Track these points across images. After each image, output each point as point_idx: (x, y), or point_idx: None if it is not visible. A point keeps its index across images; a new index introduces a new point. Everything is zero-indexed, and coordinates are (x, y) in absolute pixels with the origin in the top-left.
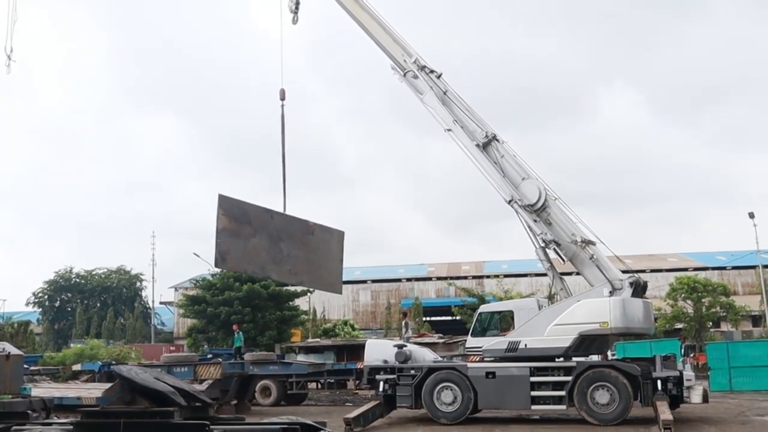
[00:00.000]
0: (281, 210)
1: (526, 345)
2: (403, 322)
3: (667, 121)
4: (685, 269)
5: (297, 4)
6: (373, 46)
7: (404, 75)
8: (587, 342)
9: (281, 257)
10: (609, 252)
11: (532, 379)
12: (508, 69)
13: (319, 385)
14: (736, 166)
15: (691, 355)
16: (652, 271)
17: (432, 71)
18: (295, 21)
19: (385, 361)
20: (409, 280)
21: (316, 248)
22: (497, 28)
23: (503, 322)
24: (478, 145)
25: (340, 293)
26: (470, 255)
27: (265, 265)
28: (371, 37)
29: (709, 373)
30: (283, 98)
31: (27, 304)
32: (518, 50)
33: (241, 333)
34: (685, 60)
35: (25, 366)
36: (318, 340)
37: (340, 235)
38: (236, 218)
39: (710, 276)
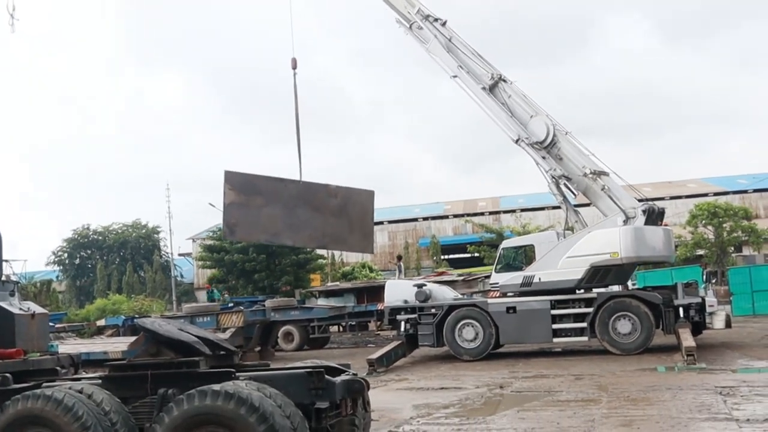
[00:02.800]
0: (297, 177)
1: (540, 279)
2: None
3: (678, 48)
4: (705, 194)
5: None
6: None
7: (410, 27)
8: (601, 273)
9: (298, 223)
10: (623, 182)
11: (553, 312)
12: (511, 2)
13: (341, 328)
14: (750, 90)
15: (713, 281)
16: (672, 198)
17: (436, 19)
18: None
19: (406, 301)
20: (425, 219)
21: (339, 211)
22: None
23: (525, 256)
24: (484, 88)
25: (372, 253)
26: (486, 191)
27: (280, 232)
28: None
29: (731, 297)
30: (294, 67)
31: (47, 264)
32: None
33: (215, 290)
34: None
35: (51, 324)
36: (337, 283)
37: (370, 194)
38: (244, 191)
39: (731, 200)
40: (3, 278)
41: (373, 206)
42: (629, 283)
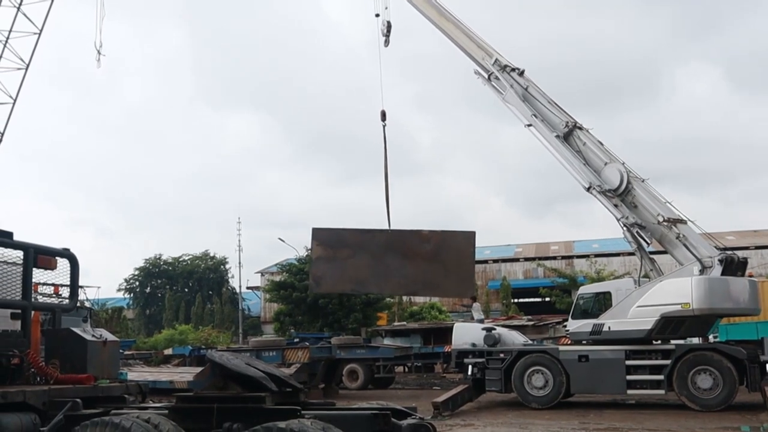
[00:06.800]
0: (386, 226)
1: (609, 327)
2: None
3: (745, 95)
4: None
5: (389, 27)
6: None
7: (488, 78)
8: (674, 324)
9: (386, 271)
10: (701, 230)
11: (628, 362)
12: (579, 54)
13: (406, 369)
14: None
15: None
16: (757, 248)
17: (513, 69)
18: (387, 44)
19: (474, 345)
20: (495, 261)
21: (433, 256)
22: (563, 12)
23: (602, 303)
24: (558, 136)
25: (469, 296)
26: (558, 235)
27: (366, 281)
28: (455, 43)
29: None
30: (384, 119)
31: (119, 291)
32: (585, 34)
33: None
34: (758, 32)
35: (120, 351)
36: (404, 323)
37: (469, 236)
38: (331, 245)
39: None
40: (77, 304)
41: (474, 248)
42: (711, 336)
